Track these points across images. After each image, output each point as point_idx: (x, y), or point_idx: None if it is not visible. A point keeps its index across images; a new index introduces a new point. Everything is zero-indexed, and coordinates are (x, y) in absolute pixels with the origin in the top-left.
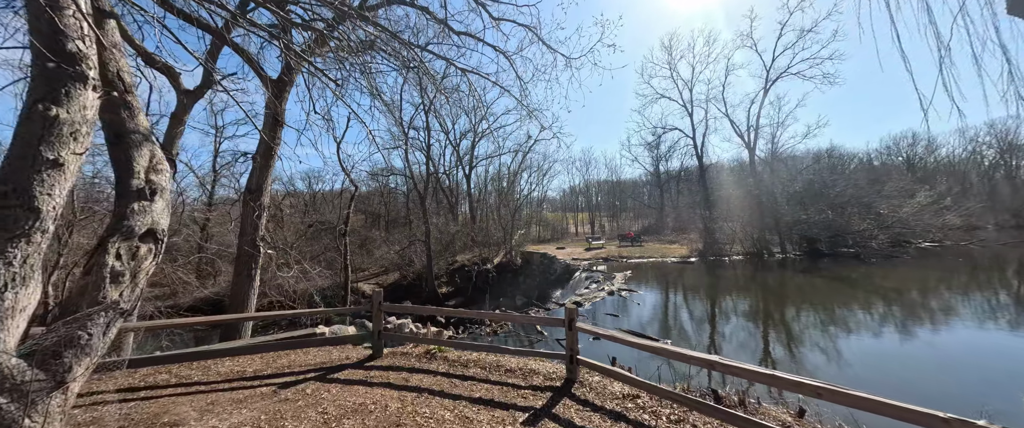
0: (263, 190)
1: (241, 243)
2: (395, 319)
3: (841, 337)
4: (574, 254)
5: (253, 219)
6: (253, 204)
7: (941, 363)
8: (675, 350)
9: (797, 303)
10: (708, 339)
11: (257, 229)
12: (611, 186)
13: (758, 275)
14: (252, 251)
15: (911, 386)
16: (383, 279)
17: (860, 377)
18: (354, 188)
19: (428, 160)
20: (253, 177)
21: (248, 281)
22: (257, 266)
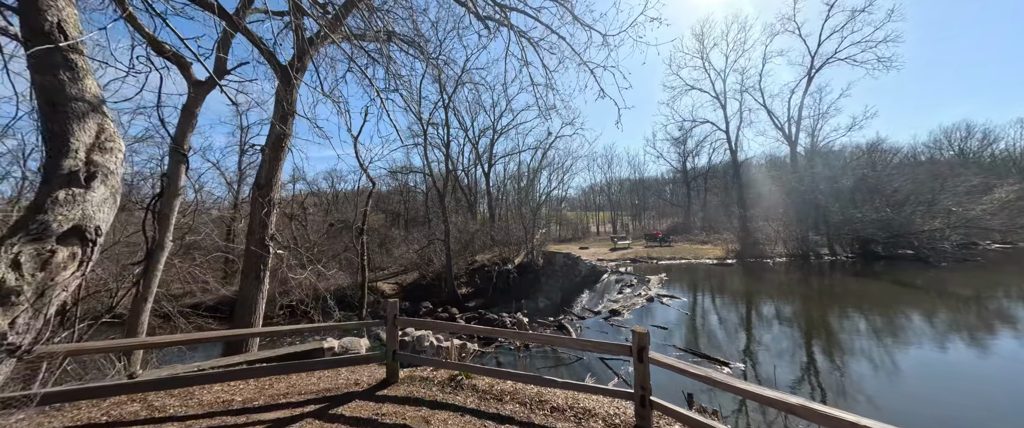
0: (272, 185)
1: (248, 242)
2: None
3: (938, 358)
4: (599, 254)
5: (262, 217)
6: (262, 200)
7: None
8: (818, 410)
9: (869, 312)
10: (798, 368)
11: (266, 227)
12: (633, 184)
13: (810, 279)
14: (260, 252)
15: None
16: (402, 278)
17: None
18: (371, 185)
19: (447, 156)
20: (262, 171)
21: (256, 284)
22: (266, 268)
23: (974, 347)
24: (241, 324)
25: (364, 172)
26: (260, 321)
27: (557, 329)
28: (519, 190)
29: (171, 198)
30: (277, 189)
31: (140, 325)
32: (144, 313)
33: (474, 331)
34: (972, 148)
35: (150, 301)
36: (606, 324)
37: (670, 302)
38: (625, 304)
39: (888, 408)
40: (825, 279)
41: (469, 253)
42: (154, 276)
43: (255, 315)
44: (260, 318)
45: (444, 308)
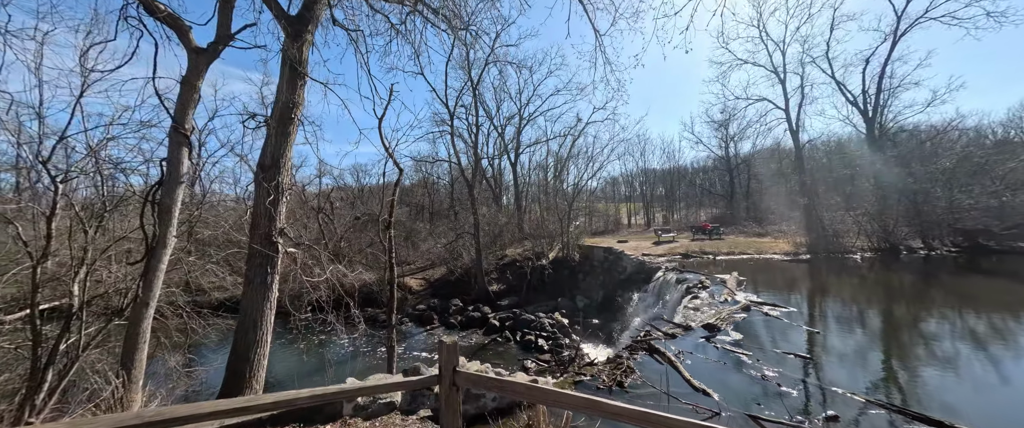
0: (280, 165)
1: (251, 238)
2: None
3: None
4: (641, 248)
5: (267, 205)
6: (267, 184)
7: None
8: None
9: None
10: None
11: (273, 219)
12: (667, 173)
13: (931, 278)
14: (265, 250)
15: None
16: (429, 274)
17: None
18: (399, 171)
19: (475, 142)
20: (267, 149)
21: (262, 291)
22: (275, 270)
23: None
24: (243, 343)
25: (389, 156)
26: (268, 335)
27: (647, 351)
28: (550, 180)
29: (173, 187)
30: (287, 172)
31: (141, 335)
32: (145, 320)
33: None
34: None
35: (152, 306)
36: (708, 345)
37: (775, 312)
38: (720, 317)
39: None
40: (949, 277)
41: (498, 247)
42: (156, 277)
43: (261, 329)
44: (268, 331)
45: (475, 306)
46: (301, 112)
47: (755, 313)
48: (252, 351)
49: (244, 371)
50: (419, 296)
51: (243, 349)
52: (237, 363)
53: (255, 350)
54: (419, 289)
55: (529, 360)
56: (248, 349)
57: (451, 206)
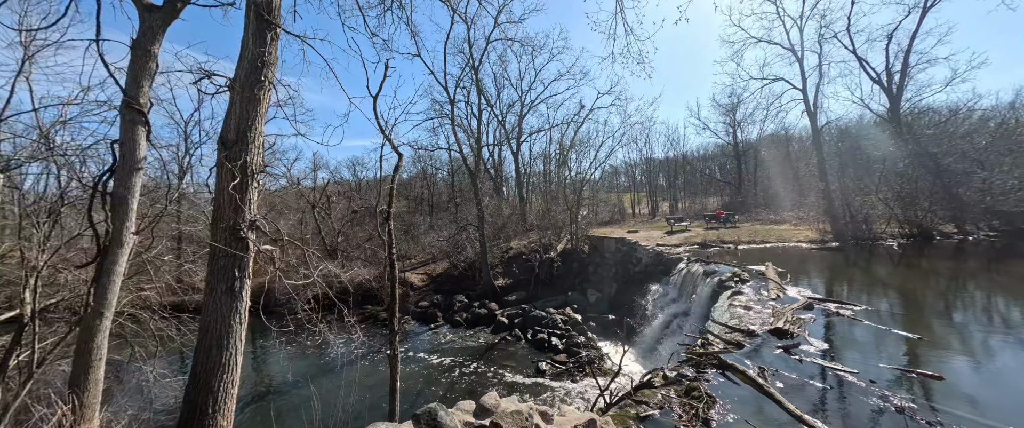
0: (248, 141)
1: (213, 234)
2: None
3: None
4: (654, 238)
5: (230, 192)
6: (230, 164)
7: None
8: None
9: None
10: None
11: (241, 210)
12: (670, 161)
13: (995, 265)
14: (231, 250)
15: None
16: (431, 268)
17: None
18: (397, 156)
19: (479, 129)
20: (230, 119)
21: (228, 300)
22: (244, 272)
23: None
24: (205, 367)
25: (386, 139)
26: (239, 356)
27: (718, 368)
28: (554, 169)
29: (128, 174)
30: (258, 149)
31: (95, 350)
32: (100, 333)
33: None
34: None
35: (108, 316)
36: (790, 358)
37: (846, 311)
38: (786, 319)
39: None
40: (1006, 263)
41: (502, 239)
42: (111, 282)
43: (228, 349)
44: (238, 352)
45: (481, 302)
46: (274, 74)
47: (821, 313)
48: (217, 378)
49: (206, 404)
50: (421, 292)
51: (205, 375)
52: (197, 393)
53: (220, 377)
54: (421, 285)
55: (543, 362)
56: (211, 375)
57: (452, 198)
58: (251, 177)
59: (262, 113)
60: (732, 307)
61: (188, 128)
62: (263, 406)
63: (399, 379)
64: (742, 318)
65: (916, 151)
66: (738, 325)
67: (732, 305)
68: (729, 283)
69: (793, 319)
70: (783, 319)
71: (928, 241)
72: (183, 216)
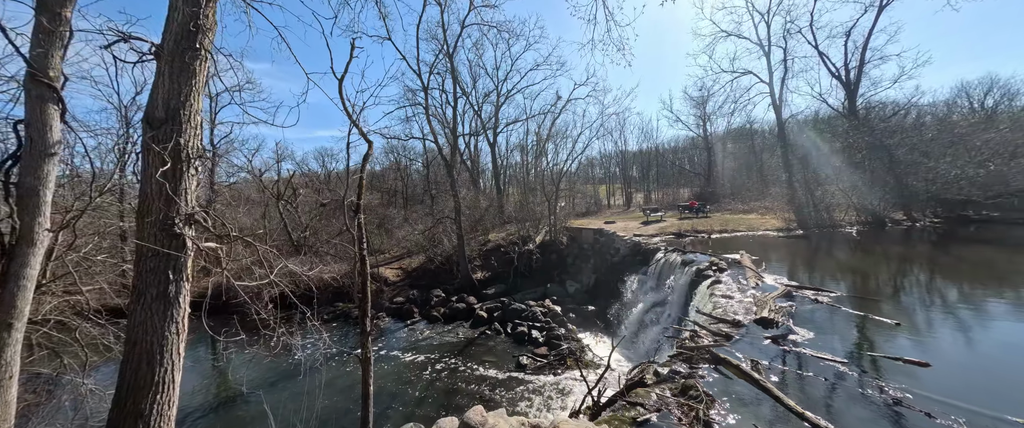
0: (181, 119)
1: (139, 230)
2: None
3: None
4: (631, 229)
5: (158, 180)
6: (158, 147)
7: None
8: None
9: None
10: None
11: (174, 201)
12: (643, 153)
13: (949, 249)
14: (163, 247)
15: None
16: (407, 263)
17: None
18: (367, 143)
19: (454, 118)
20: (158, 93)
21: (161, 308)
22: (181, 275)
23: None
24: (133, 387)
25: (353, 122)
26: (176, 373)
27: (710, 362)
28: (531, 160)
29: (38, 161)
30: (193, 131)
31: (3, 367)
32: (9, 347)
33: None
34: (989, 106)
35: (19, 327)
36: (777, 348)
37: (824, 298)
38: (769, 308)
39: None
40: (956, 246)
41: (480, 232)
42: (20, 288)
43: (164, 365)
44: (176, 368)
45: (459, 296)
46: (212, 42)
47: (800, 301)
48: (148, 400)
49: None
50: (396, 288)
51: (132, 397)
52: (123, 420)
53: (153, 398)
54: (396, 280)
55: (524, 355)
56: (141, 397)
57: (427, 190)
58: (186, 163)
59: (198, 87)
60: (713, 296)
61: (128, 111)
62: (214, 422)
63: (372, 382)
64: (725, 308)
65: (872, 143)
66: (723, 315)
67: (713, 295)
68: (707, 272)
69: (776, 308)
70: (766, 308)
71: (881, 228)
72: (126, 211)
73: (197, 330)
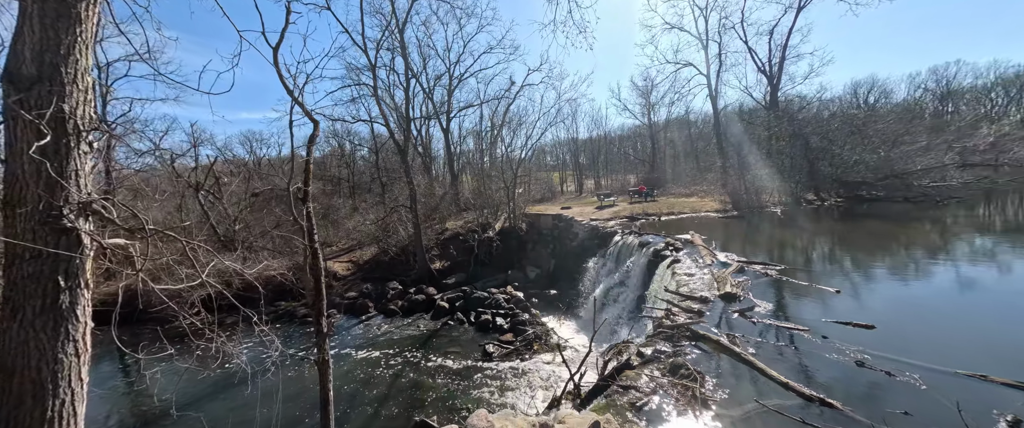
0: (64, 81)
1: (12, 227)
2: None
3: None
4: (587, 213)
5: (30, 159)
6: (29, 114)
7: None
8: None
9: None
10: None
11: (59, 188)
12: (592, 140)
13: (860, 223)
14: (44, 246)
15: None
16: (358, 255)
17: None
18: (313, 123)
19: (408, 99)
20: (22, 46)
21: (51, 324)
22: (77, 281)
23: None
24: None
25: (294, 100)
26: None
27: (690, 339)
28: (486, 147)
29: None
30: (82, 95)
31: None
32: None
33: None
34: (870, 102)
35: None
36: (745, 321)
37: (771, 271)
38: (734, 284)
39: None
40: (858, 222)
41: (436, 221)
42: None
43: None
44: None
45: (417, 288)
46: None
47: (752, 275)
48: None
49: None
50: (347, 282)
51: None
52: None
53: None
54: (346, 274)
55: (490, 344)
56: None
57: (376, 177)
58: (76, 137)
59: (86, 40)
60: (676, 275)
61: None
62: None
63: (331, 387)
64: (689, 285)
65: (792, 132)
66: (690, 293)
67: (675, 274)
68: (665, 253)
69: (735, 283)
70: (727, 284)
71: (798, 206)
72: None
73: (103, 345)
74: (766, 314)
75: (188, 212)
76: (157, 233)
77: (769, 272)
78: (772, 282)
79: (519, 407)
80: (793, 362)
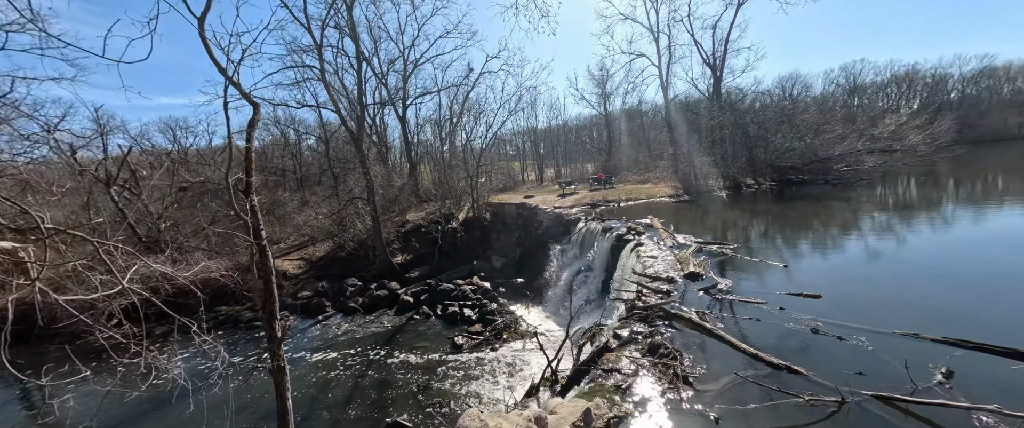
0: None
1: None
2: None
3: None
4: (550, 202)
5: None
6: None
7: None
8: None
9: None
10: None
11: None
12: (551, 130)
13: (791, 204)
14: None
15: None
16: (310, 252)
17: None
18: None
19: (360, 84)
20: None
21: None
22: None
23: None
24: None
25: (228, 79)
26: None
27: (665, 319)
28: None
29: None
30: None
31: None
32: None
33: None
34: (794, 95)
35: None
36: (709, 298)
37: (727, 250)
38: (696, 264)
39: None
40: (796, 203)
41: (396, 213)
42: None
43: None
44: None
45: (379, 283)
46: None
47: (709, 254)
48: None
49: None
50: (299, 281)
51: None
52: None
53: None
54: (298, 272)
55: (459, 335)
56: None
57: (328, 168)
58: None
59: None
60: (640, 258)
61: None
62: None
63: (289, 396)
64: (654, 267)
65: (734, 122)
66: (656, 274)
67: (640, 256)
68: (627, 237)
69: (696, 263)
70: (689, 264)
71: (738, 191)
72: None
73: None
74: (727, 290)
75: (99, 210)
76: (57, 233)
77: (724, 251)
78: (727, 260)
79: (494, 398)
80: (758, 333)
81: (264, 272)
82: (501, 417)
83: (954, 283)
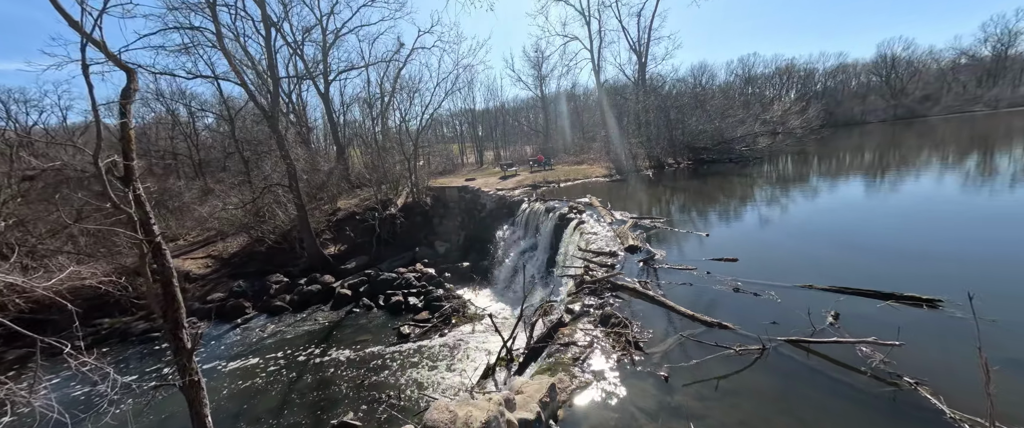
0: None
1: None
2: None
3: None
4: (492, 184)
5: None
6: None
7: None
8: None
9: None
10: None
11: None
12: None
13: (708, 180)
14: None
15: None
16: (219, 248)
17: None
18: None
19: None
20: None
21: None
22: None
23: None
24: None
25: (83, 32)
26: None
27: (611, 290)
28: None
29: None
30: None
31: None
32: None
33: None
34: (703, 83)
35: None
36: (649, 268)
37: (658, 224)
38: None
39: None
40: (712, 179)
41: (324, 200)
42: None
43: None
44: None
45: (309, 277)
46: None
47: (643, 228)
48: None
49: None
50: (207, 282)
51: None
52: None
53: None
54: (205, 272)
55: (405, 325)
56: None
57: (236, 151)
58: None
59: None
60: (583, 235)
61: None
62: None
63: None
64: (596, 243)
65: (657, 106)
66: (599, 249)
67: (583, 233)
68: (570, 216)
69: (634, 236)
70: (628, 238)
71: (661, 170)
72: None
73: None
74: (662, 260)
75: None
76: None
77: (656, 225)
78: (659, 232)
79: (449, 383)
80: (692, 296)
81: (162, 274)
82: (470, 405)
83: (827, 241)
